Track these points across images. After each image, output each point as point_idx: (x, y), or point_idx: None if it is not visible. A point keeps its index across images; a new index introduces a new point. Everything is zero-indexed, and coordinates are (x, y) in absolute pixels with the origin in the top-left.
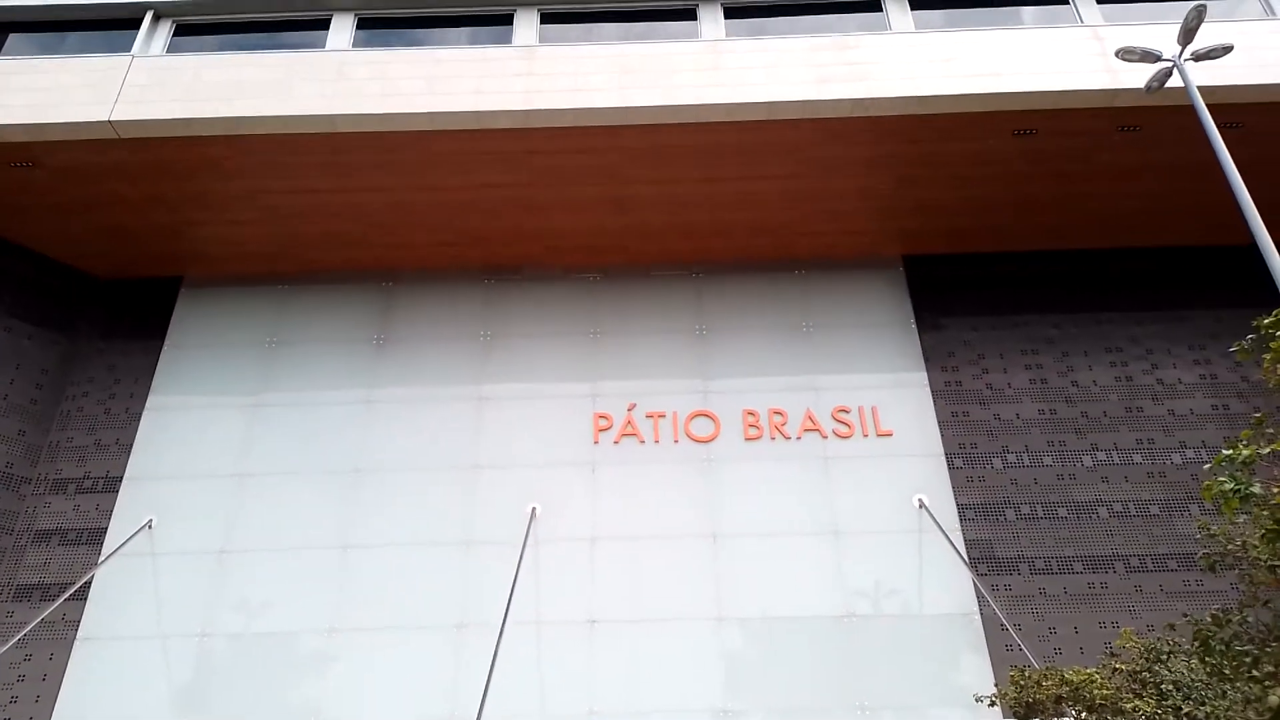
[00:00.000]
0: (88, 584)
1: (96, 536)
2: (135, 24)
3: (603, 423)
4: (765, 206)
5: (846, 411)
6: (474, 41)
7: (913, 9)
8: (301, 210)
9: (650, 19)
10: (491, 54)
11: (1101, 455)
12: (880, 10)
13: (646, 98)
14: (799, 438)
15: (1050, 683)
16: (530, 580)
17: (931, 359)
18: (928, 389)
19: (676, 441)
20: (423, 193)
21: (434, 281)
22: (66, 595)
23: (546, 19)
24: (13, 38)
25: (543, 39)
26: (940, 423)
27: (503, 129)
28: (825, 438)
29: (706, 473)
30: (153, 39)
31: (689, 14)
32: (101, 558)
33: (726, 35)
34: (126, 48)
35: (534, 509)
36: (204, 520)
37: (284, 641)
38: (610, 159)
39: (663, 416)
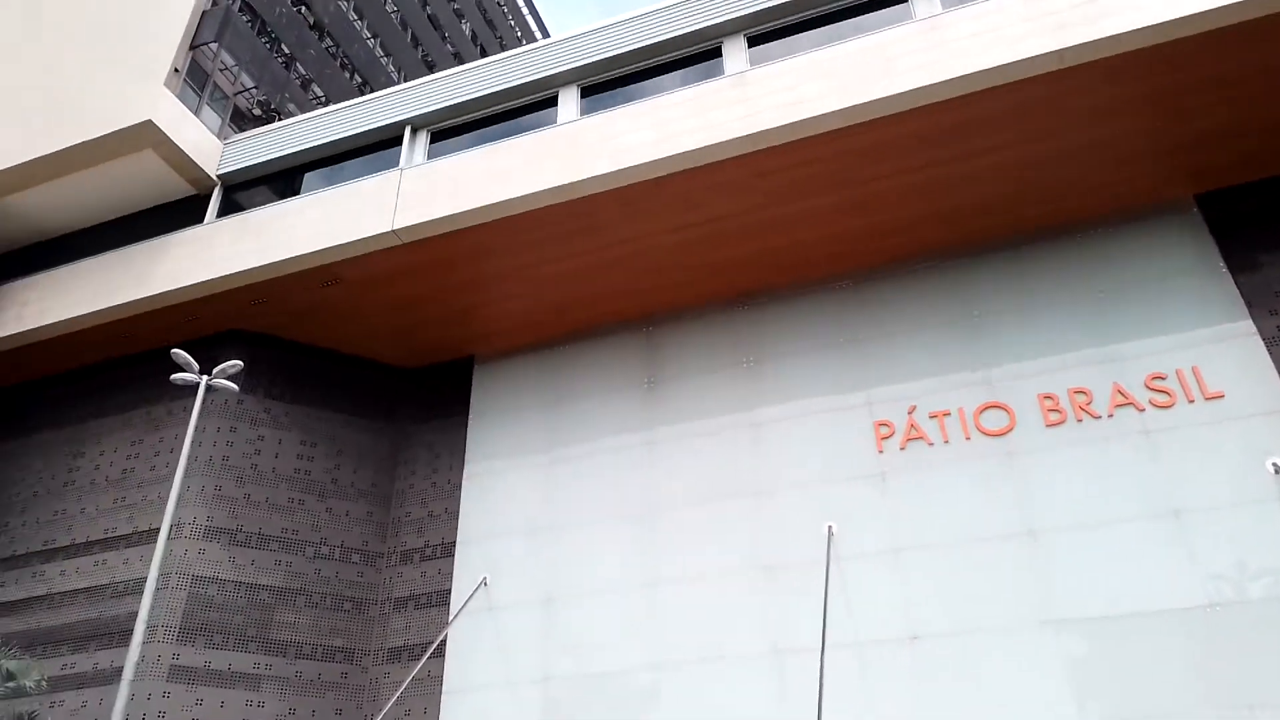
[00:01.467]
0: (443, 642)
1: (443, 598)
2: (398, 140)
3: (884, 430)
4: (1026, 174)
5: (1162, 378)
6: (687, 81)
7: None
8: (565, 275)
9: (857, 13)
10: (706, 89)
11: None
12: None
13: (865, 93)
14: (1110, 415)
15: None
16: (840, 600)
17: (1255, 303)
18: (1257, 337)
19: (968, 439)
20: (666, 235)
21: (692, 317)
22: (428, 654)
23: (753, 42)
24: (306, 176)
25: (753, 62)
26: None
27: (729, 158)
28: (1142, 411)
29: (1008, 467)
30: (414, 150)
31: None
32: (450, 617)
33: (943, 8)
34: (395, 163)
35: (830, 527)
36: (529, 572)
37: (616, 680)
38: (839, 164)
39: (948, 415)
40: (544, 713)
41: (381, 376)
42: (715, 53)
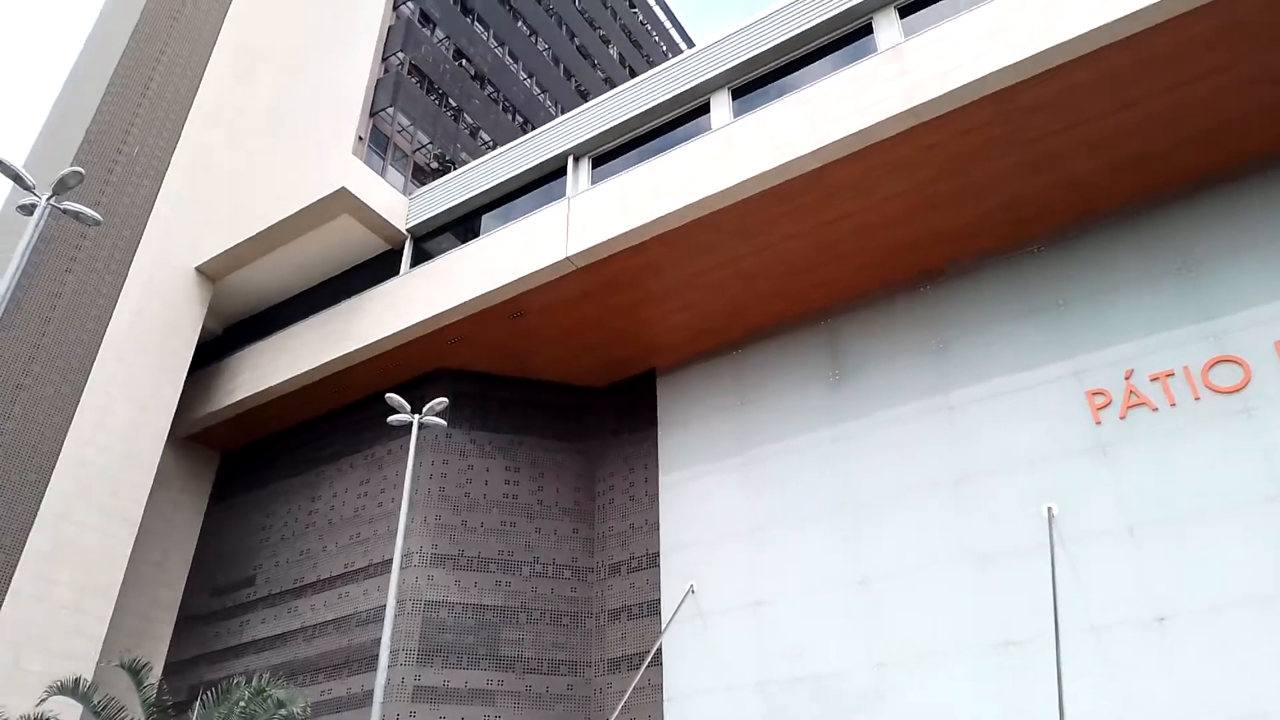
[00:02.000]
0: (658, 651)
1: (654, 608)
2: (563, 171)
3: (1099, 399)
4: (1219, 106)
5: None
6: (840, 65)
7: None
8: (735, 279)
9: None
10: (860, 70)
11: None
12: None
13: (1035, 44)
14: None
15: None
16: (1071, 584)
17: None
18: None
19: (1197, 399)
20: (834, 224)
21: (872, 304)
22: (645, 664)
23: (905, 11)
24: (484, 218)
25: (906, 33)
26: None
27: (892, 136)
28: None
29: (1248, 425)
30: (579, 177)
31: None
32: (663, 626)
33: None
34: (562, 193)
35: (1049, 509)
36: (733, 577)
37: (834, 681)
38: (1009, 125)
39: (1171, 375)
40: (765, 717)
41: (572, 398)
42: (866, 30)
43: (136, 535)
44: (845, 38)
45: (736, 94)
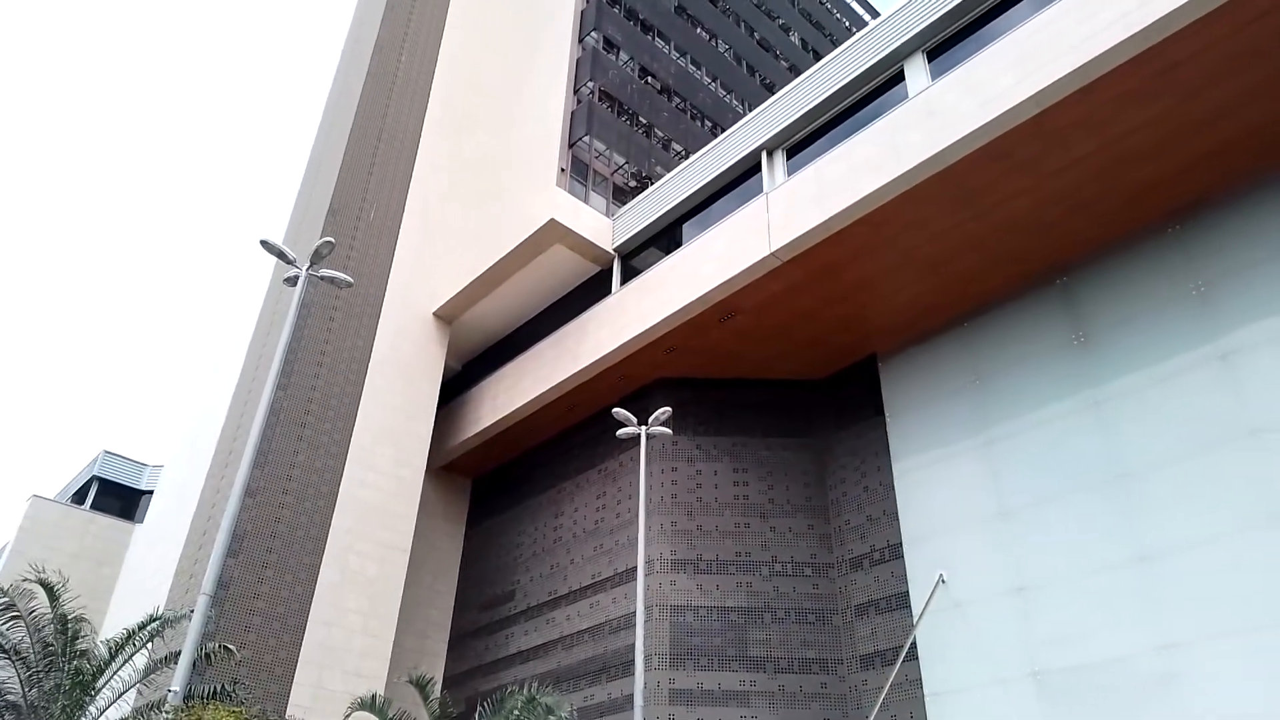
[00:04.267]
0: (913, 645)
1: (902, 600)
2: (757, 168)
3: None
4: None
5: None
6: (1045, 3)
7: None
8: (951, 250)
9: None
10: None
11: None
12: None
13: None
14: None
15: None
16: None
17: None
18: None
19: None
20: (1062, 174)
21: (1112, 255)
22: (900, 659)
23: None
24: (685, 226)
25: None
26: None
27: (1123, 63)
28: None
29: None
30: (774, 171)
31: None
32: (916, 619)
33: None
34: (759, 189)
35: None
36: (989, 563)
37: (1117, 668)
38: (1262, 29)
39: None
40: (1037, 710)
41: (793, 393)
42: None
43: (409, 561)
44: None
45: (931, 55)
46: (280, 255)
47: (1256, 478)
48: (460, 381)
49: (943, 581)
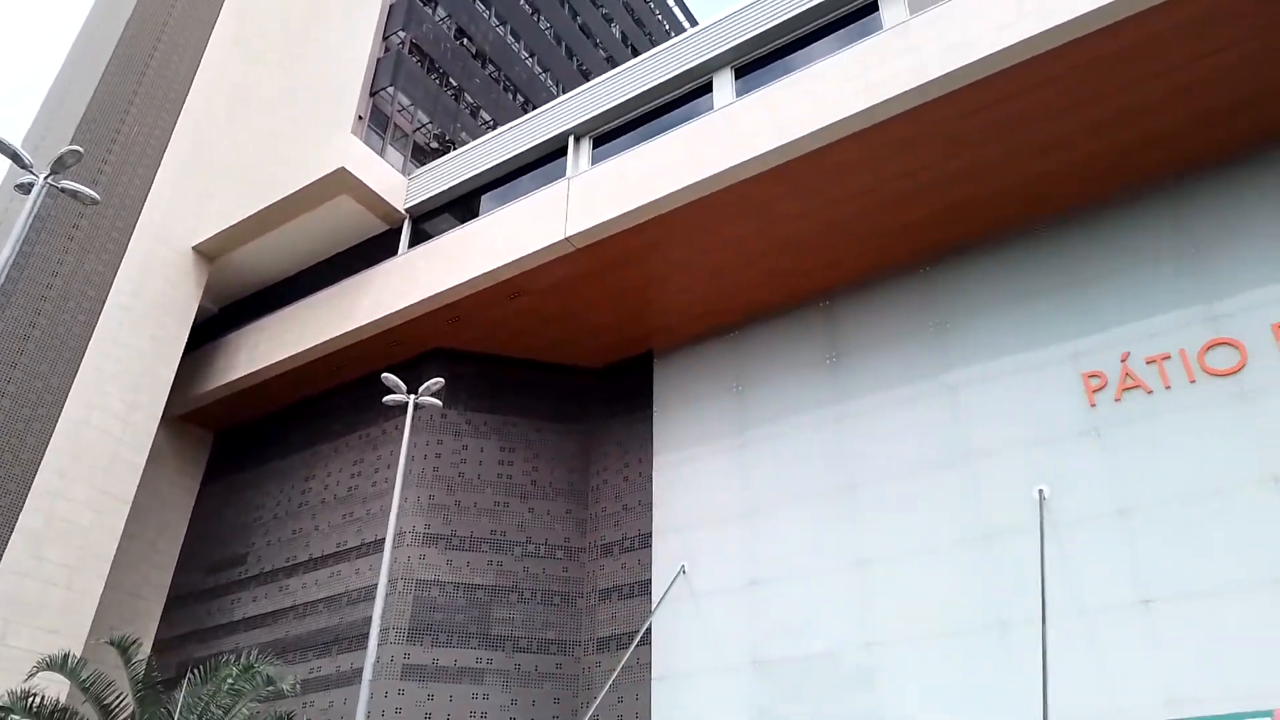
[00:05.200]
0: (648, 630)
1: (644, 588)
2: (563, 151)
3: (1095, 382)
4: (1243, 78)
5: None
6: (845, 43)
7: None
8: (735, 261)
9: None
10: (866, 47)
11: None
12: None
13: (1056, 15)
14: None
15: None
16: (1061, 567)
17: None
18: None
19: (1193, 382)
20: (837, 205)
21: (872, 286)
22: (635, 643)
23: None
24: (483, 198)
25: (913, 9)
26: None
27: (899, 114)
28: None
29: (1243, 409)
30: (579, 158)
31: None
32: (653, 606)
33: None
34: (562, 173)
35: (1040, 491)
36: (729, 558)
37: (828, 661)
38: (1023, 102)
39: (1167, 358)
40: (755, 696)
41: (569, 379)
42: (871, 8)
43: (129, 513)
44: (850, 15)
45: (739, 73)
46: (14, 157)
47: (967, 498)
48: (215, 325)
49: (684, 572)
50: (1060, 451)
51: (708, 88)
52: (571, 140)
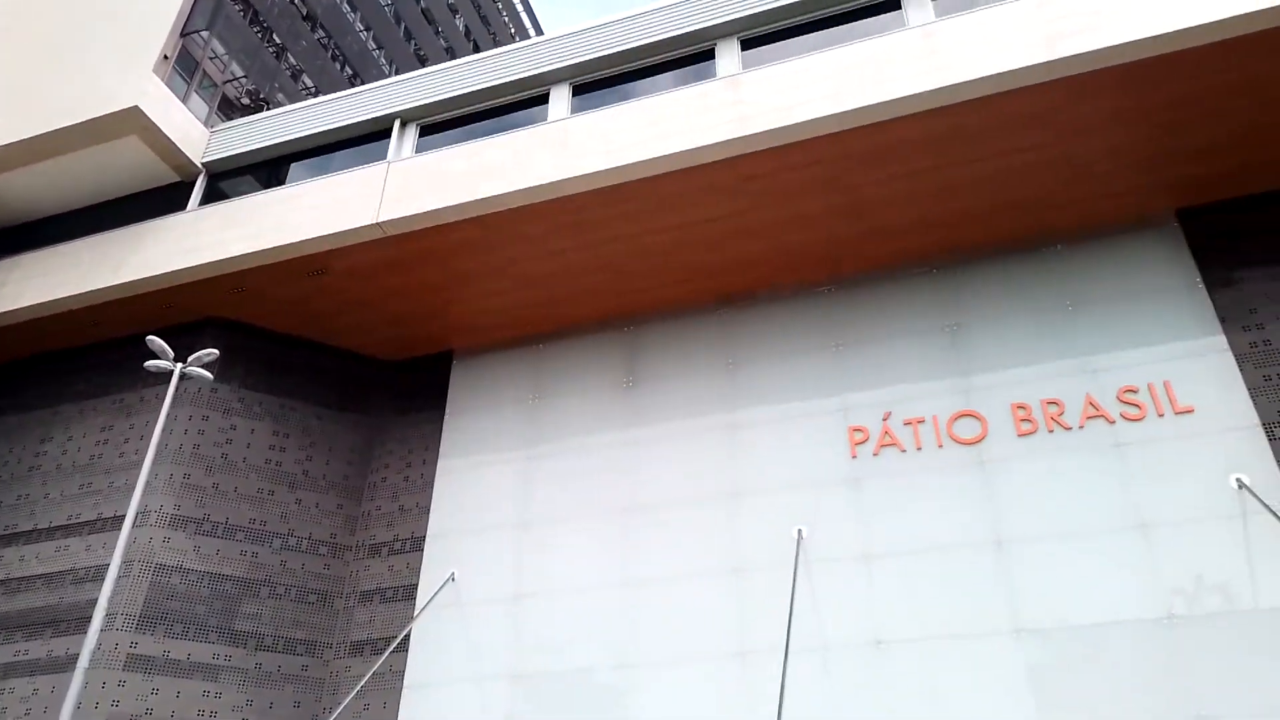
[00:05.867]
0: (407, 637)
1: (410, 593)
2: (387, 133)
3: (858, 435)
4: (1011, 184)
5: (1134, 391)
6: (681, 82)
7: None
8: (549, 273)
9: (852, 18)
10: (699, 90)
11: None
12: None
13: (858, 99)
14: (1081, 427)
15: None
16: (808, 604)
17: (1229, 319)
18: (1229, 354)
19: (940, 446)
20: (653, 236)
21: (674, 318)
22: (391, 648)
23: (747, 45)
24: (293, 166)
25: (746, 65)
26: (1251, 390)
27: (720, 160)
28: (1113, 423)
29: (980, 476)
30: (403, 143)
31: (893, 3)
32: (416, 612)
33: (936, 16)
34: (383, 155)
35: (799, 531)
36: (499, 569)
37: (582, 678)
38: (833, 168)
39: (922, 422)
40: (510, 709)
41: (359, 368)
42: (709, 54)
43: None
44: (689, 58)
45: (578, 90)
46: None
47: (734, 531)
48: None
49: (452, 580)
50: (821, 496)
51: (544, 99)
52: (397, 124)
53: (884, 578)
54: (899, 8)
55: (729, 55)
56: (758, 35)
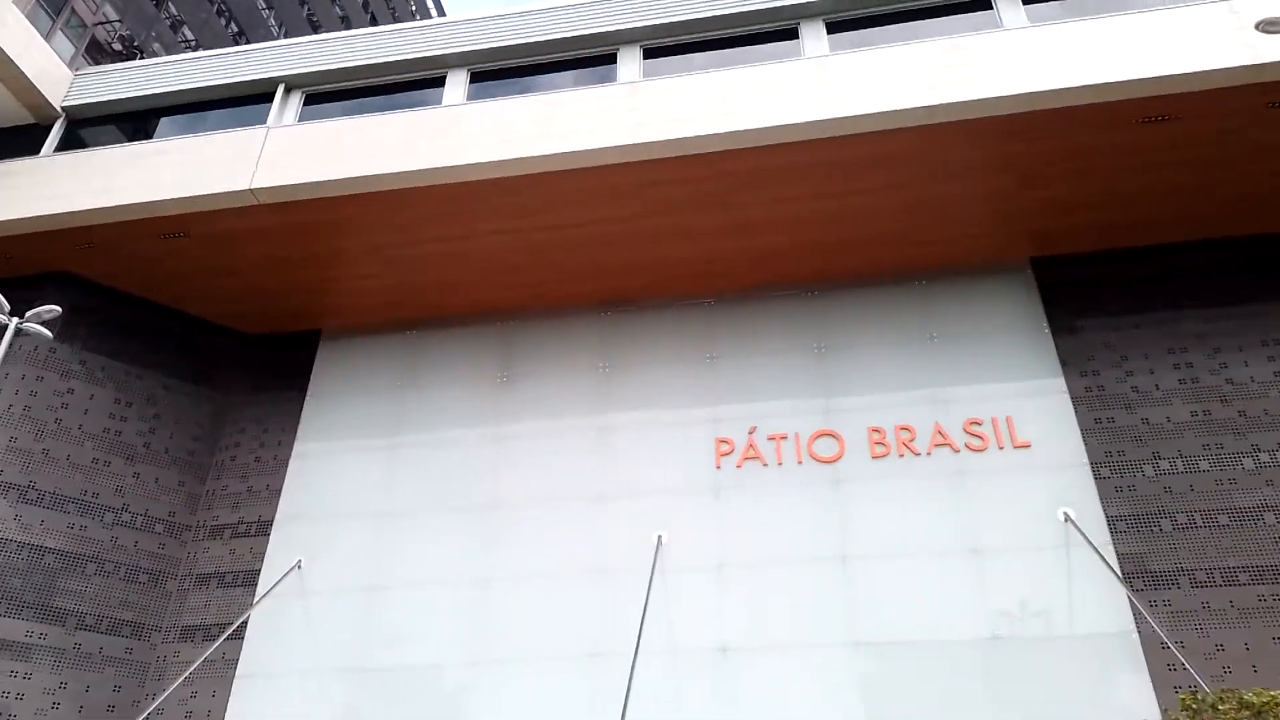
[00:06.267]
0: (244, 624)
1: (251, 579)
2: (269, 97)
3: (724, 447)
4: (884, 219)
5: (979, 424)
6: (580, 83)
7: (1025, 3)
8: (429, 259)
9: (751, 42)
10: (598, 93)
11: (1264, 456)
12: (990, 8)
13: (751, 121)
14: (929, 453)
15: (1228, 705)
16: (660, 608)
17: (1069, 363)
18: (1066, 395)
19: (800, 463)
20: (542, 233)
21: (553, 317)
22: (226, 635)
23: (649, 54)
24: (162, 121)
25: (646, 74)
26: (1083, 431)
27: (614, 164)
28: (958, 452)
29: (833, 494)
30: (285, 110)
31: (791, 33)
32: (256, 598)
33: (830, 50)
34: (262, 120)
35: (659, 537)
36: (350, 559)
37: (429, 674)
38: (720, 185)
39: (784, 438)
40: (349, 704)
41: (216, 339)
42: (611, 59)
43: None
44: (591, 60)
45: (475, 78)
46: None
47: (595, 534)
48: None
49: (299, 567)
50: (683, 504)
51: (439, 82)
52: (281, 89)
53: (736, 586)
54: (796, 38)
55: (630, 62)
56: (660, 46)
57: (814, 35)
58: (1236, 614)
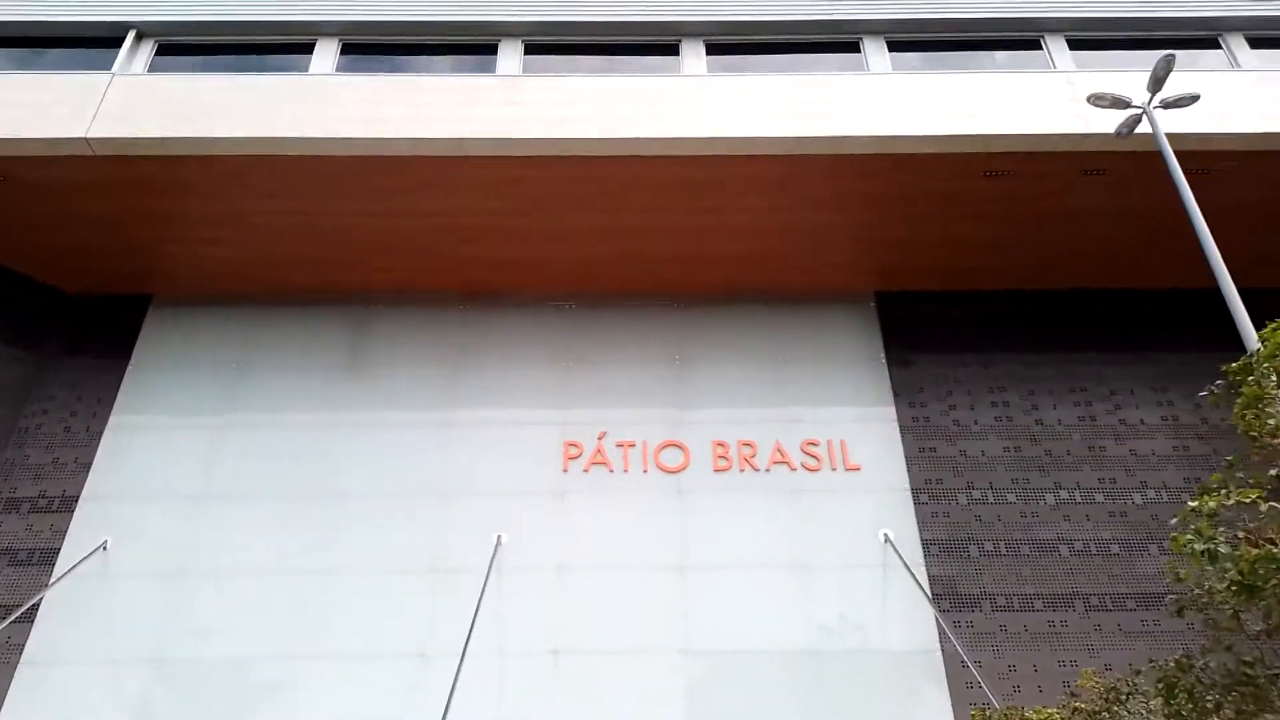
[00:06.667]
0: (35, 606)
1: (49, 557)
2: (117, 43)
3: (573, 450)
4: (747, 239)
5: (815, 445)
6: (458, 70)
7: (890, 51)
8: (278, 232)
9: (634, 53)
10: (475, 82)
11: (1064, 493)
12: (858, 52)
13: (627, 129)
14: (768, 470)
15: None
16: (494, 609)
17: (900, 394)
18: (895, 424)
19: (646, 471)
20: (404, 218)
21: (408, 305)
22: (12, 618)
23: (530, 50)
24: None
25: (526, 69)
26: (907, 458)
27: (485, 156)
28: (794, 470)
29: (676, 503)
30: (134, 58)
31: (672, 49)
32: (52, 579)
33: (708, 71)
34: (107, 66)
35: (499, 537)
36: (162, 542)
37: (239, 668)
38: (592, 189)
39: (633, 446)
40: (144, 696)
41: (30, 295)
42: (492, 49)
43: None
44: (471, 48)
45: (346, 50)
46: None
47: (434, 530)
48: None
49: (104, 548)
50: (526, 505)
51: (309, 49)
52: (132, 35)
53: (573, 590)
54: (678, 54)
55: (512, 56)
56: (543, 44)
57: (694, 54)
58: (1029, 637)
